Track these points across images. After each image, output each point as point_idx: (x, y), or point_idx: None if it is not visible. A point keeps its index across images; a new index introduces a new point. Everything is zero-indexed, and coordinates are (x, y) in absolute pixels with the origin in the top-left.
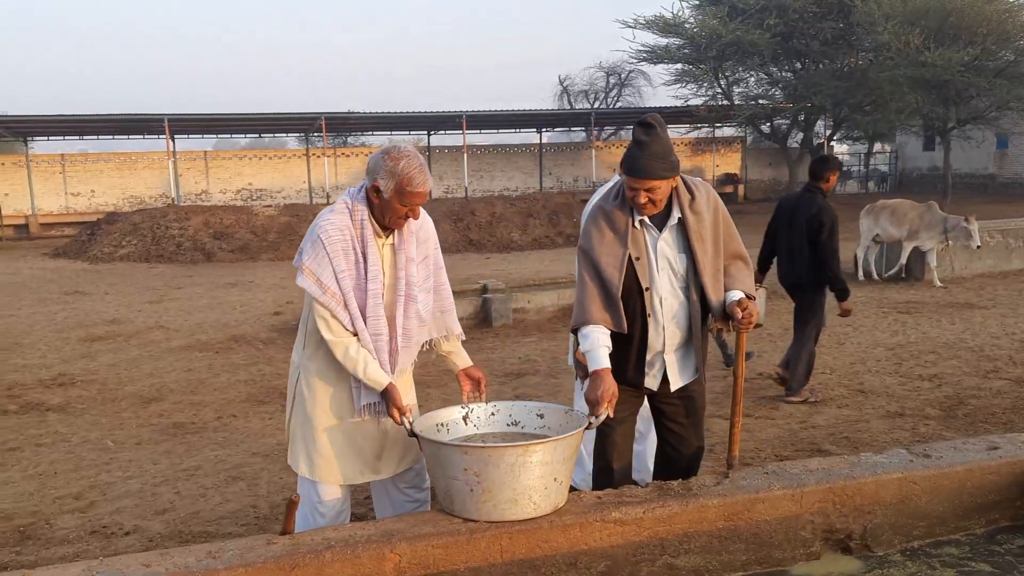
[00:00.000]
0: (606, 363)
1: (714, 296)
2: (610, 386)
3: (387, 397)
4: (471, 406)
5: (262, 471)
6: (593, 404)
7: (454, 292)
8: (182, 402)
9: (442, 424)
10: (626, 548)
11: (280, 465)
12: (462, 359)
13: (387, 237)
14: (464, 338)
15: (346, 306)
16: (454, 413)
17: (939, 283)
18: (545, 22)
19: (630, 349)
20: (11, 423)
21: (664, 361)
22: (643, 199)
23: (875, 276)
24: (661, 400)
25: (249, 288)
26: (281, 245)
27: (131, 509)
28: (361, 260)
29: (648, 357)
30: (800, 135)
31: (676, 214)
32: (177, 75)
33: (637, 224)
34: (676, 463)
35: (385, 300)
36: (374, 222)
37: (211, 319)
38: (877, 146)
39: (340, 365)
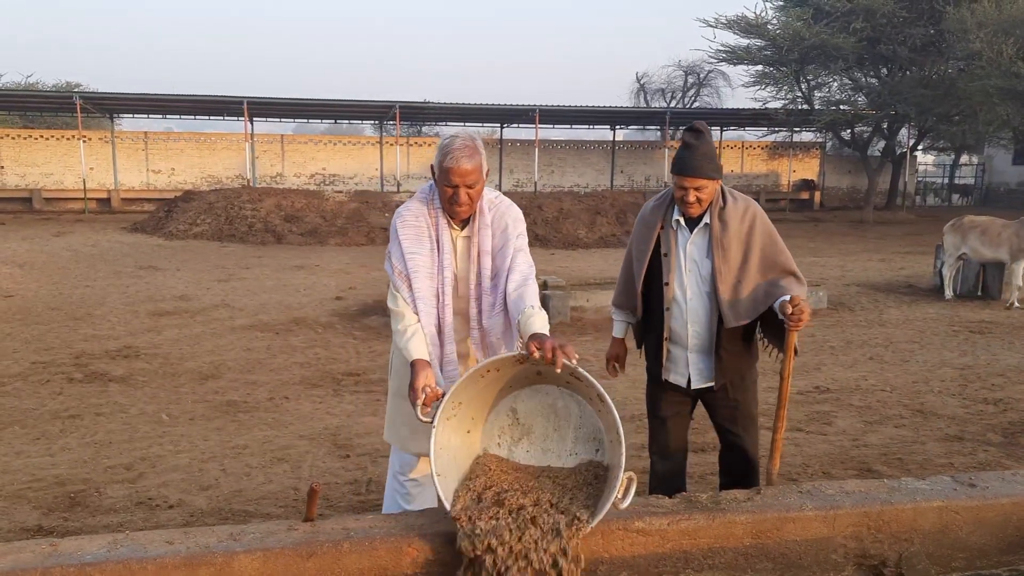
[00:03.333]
0: (619, 334)
1: (729, 309)
2: (615, 350)
3: (412, 373)
4: (538, 356)
5: (307, 454)
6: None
7: None
8: (238, 381)
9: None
10: (648, 559)
11: (324, 450)
12: (531, 326)
13: (462, 229)
14: (536, 309)
15: (410, 286)
16: (536, 365)
17: (1018, 304)
18: (625, 19)
19: (653, 338)
20: (75, 391)
21: (688, 359)
22: (692, 197)
23: (949, 294)
24: (708, 403)
25: (315, 272)
26: (349, 231)
27: (177, 483)
28: (436, 247)
29: (671, 350)
30: (882, 143)
31: (706, 218)
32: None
33: (673, 224)
34: (733, 468)
35: (460, 292)
36: (446, 212)
37: (275, 300)
38: (964, 158)
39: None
